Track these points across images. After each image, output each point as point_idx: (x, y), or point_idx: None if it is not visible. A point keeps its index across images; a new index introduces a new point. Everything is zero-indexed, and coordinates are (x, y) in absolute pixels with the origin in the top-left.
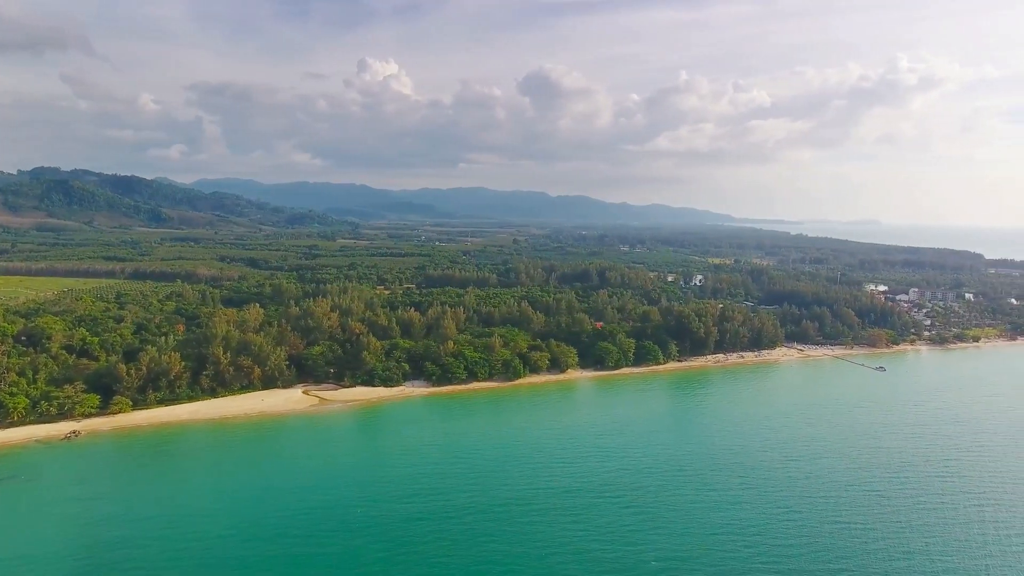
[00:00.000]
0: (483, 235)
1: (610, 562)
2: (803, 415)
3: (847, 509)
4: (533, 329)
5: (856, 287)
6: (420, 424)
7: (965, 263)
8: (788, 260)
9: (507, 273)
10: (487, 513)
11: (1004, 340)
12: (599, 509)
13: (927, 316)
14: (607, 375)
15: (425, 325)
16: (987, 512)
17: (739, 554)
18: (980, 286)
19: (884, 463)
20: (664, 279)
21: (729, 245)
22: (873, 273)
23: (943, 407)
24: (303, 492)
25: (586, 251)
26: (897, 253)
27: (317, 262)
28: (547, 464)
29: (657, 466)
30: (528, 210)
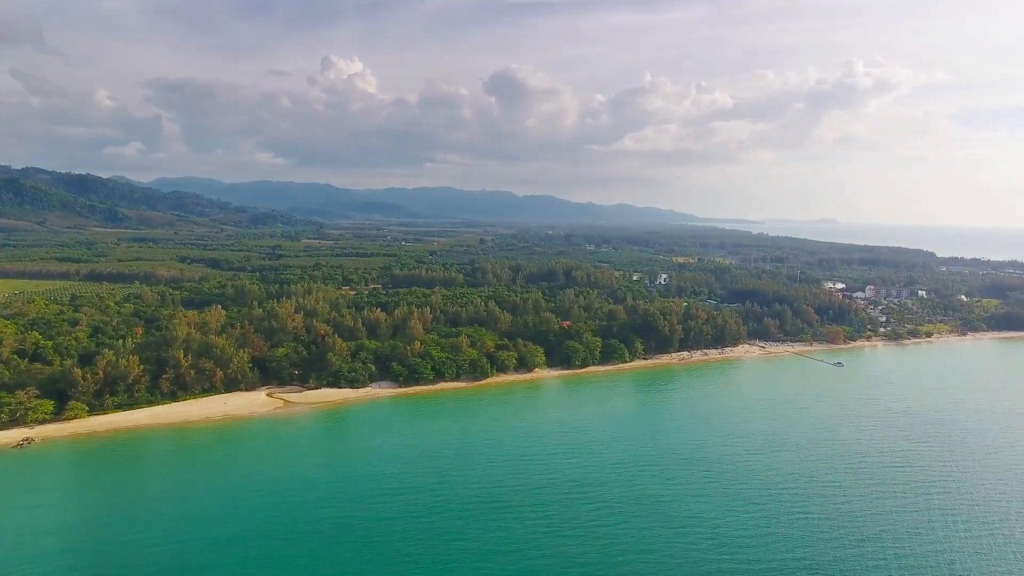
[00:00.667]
0: (449, 235)
1: (577, 558)
2: (764, 410)
3: (805, 500)
4: (500, 329)
5: (815, 285)
6: (387, 425)
7: (918, 261)
8: (750, 259)
9: (474, 273)
10: (455, 512)
11: (955, 335)
12: (566, 506)
13: (883, 313)
14: (574, 374)
15: (391, 325)
16: (935, 500)
17: (702, 545)
18: (932, 283)
19: (841, 455)
20: (630, 278)
21: (693, 244)
22: (831, 271)
23: (897, 400)
24: (268, 496)
25: (552, 251)
26: (854, 252)
27: (281, 263)
28: (515, 463)
29: (623, 462)
30: (495, 210)
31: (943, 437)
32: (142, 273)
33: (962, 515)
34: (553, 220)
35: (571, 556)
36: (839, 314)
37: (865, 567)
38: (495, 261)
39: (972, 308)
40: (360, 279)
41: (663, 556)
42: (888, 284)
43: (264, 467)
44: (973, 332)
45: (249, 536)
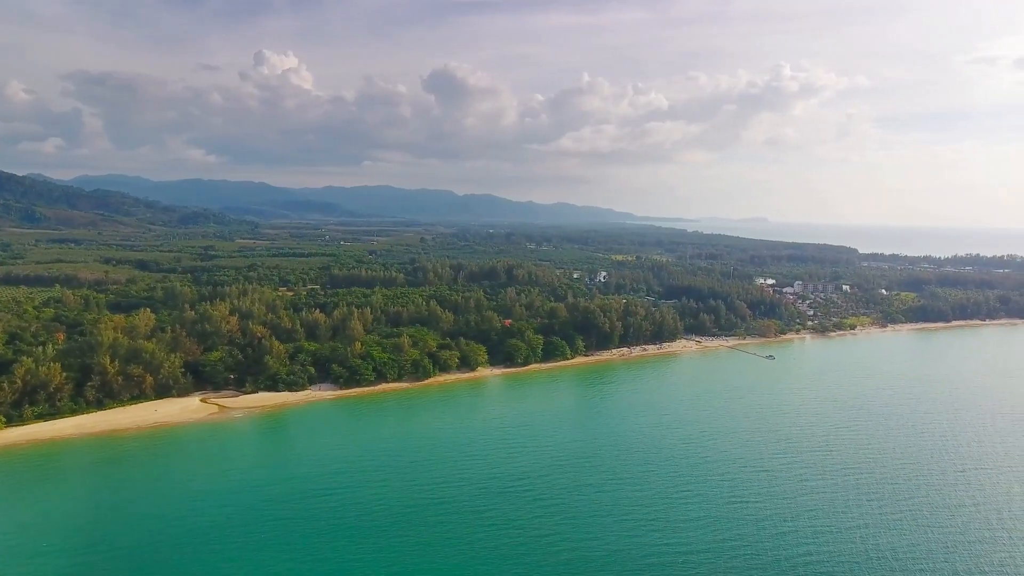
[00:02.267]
0: (390, 234)
1: (521, 555)
2: (701, 402)
3: (739, 486)
4: (442, 328)
5: (747, 281)
6: (327, 428)
7: (842, 257)
8: (686, 256)
9: (415, 272)
10: (396, 514)
11: (876, 327)
12: (509, 503)
13: (810, 307)
14: (517, 371)
15: (331, 327)
16: (856, 480)
17: (641, 533)
18: (855, 278)
19: (772, 442)
20: (570, 276)
21: (631, 242)
22: (762, 267)
23: (824, 390)
24: (203, 504)
25: (494, 249)
26: (783, 249)
27: (214, 263)
28: (457, 462)
29: (566, 457)
30: (435, 209)
31: (865, 423)
32: (63, 276)
33: (884, 496)
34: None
35: (517, 555)
36: (770, 309)
37: (790, 545)
38: (436, 260)
39: (891, 301)
40: (298, 280)
41: (604, 545)
42: (815, 279)
43: (198, 475)
44: (893, 324)
45: (181, 548)
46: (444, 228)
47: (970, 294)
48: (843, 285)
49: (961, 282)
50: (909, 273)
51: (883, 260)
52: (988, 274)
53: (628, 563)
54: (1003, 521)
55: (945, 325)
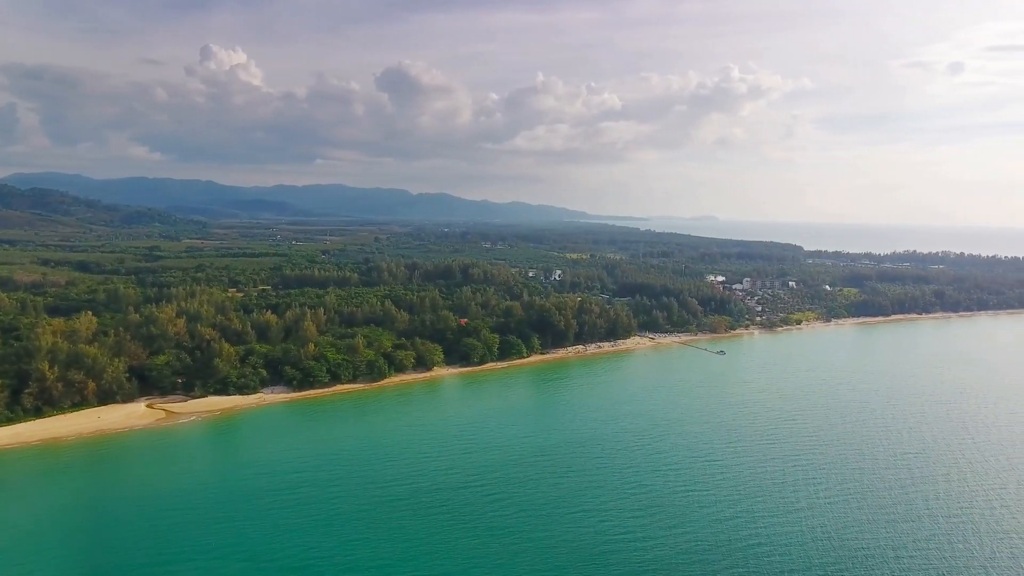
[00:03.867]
0: (343, 233)
1: (479, 554)
2: (655, 398)
3: (690, 479)
4: (397, 328)
5: (699, 278)
6: (280, 431)
7: (788, 255)
8: (639, 254)
9: (369, 272)
10: (353, 517)
11: (821, 322)
12: (466, 503)
13: (759, 303)
14: (473, 371)
15: (283, 328)
16: (801, 471)
17: (597, 527)
18: (801, 275)
19: (721, 435)
20: (525, 274)
21: (585, 241)
22: (712, 265)
23: (771, 383)
24: (150, 514)
25: (449, 248)
26: (732, 247)
27: (160, 264)
28: (414, 462)
29: (522, 455)
30: (389, 208)
31: (810, 415)
32: None
33: (823, 482)
34: (449, 218)
35: (474, 554)
36: (721, 305)
37: (738, 528)
38: (391, 260)
39: (835, 297)
40: (248, 280)
41: (561, 540)
42: (763, 276)
43: (144, 484)
44: (836, 319)
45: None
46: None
47: (908, 289)
48: (789, 281)
49: (899, 278)
50: (851, 270)
51: (827, 257)
52: (924, 270)
53: (581, 552)
54: (935, 500)
55: (885, 319)
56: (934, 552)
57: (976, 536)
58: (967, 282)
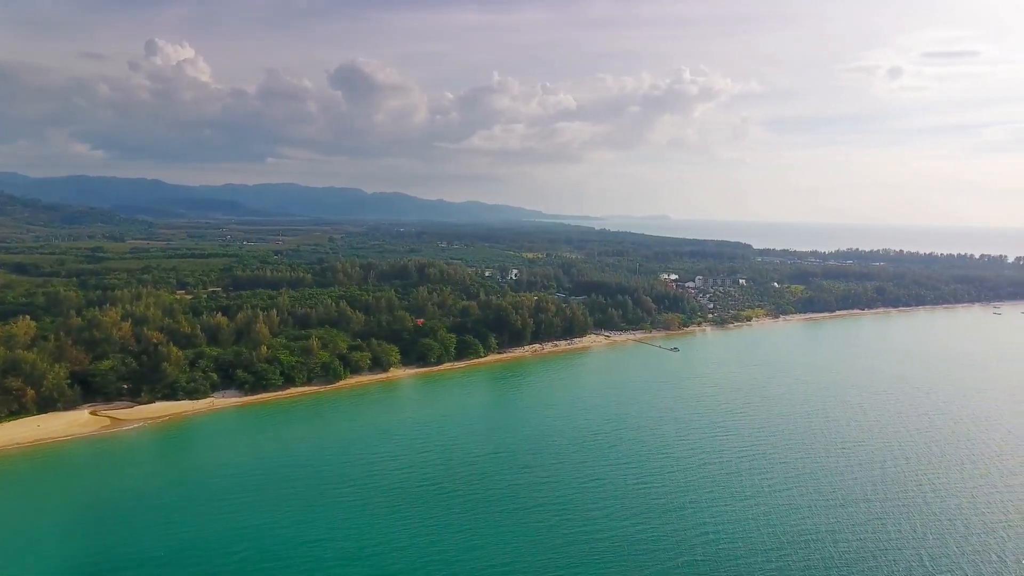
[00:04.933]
0: (296, 233)
1: (435, 554)
2: (610, 395)
3: (644, 472)
4: (353, 329)
5: (652, 276)
6: (232, 436)
7: (738, 253)
8: (594, 253)
9: (323, 272)
10: (307, 522)
11: (770, 319)
12: (422, 502)
13: (710, 300)
14: (430, 371)
15: (235, 330)
16: (750, 464)
17: (553, 523)
18: (751, 272)
19: (675, 430)
20: (482, 274)
21: (541, 240)
22: (666, 263)
23: (723, 379)
24: (93, 526)
25: (405, 248)
26: (685, 245)
27: (103, 266)
28: (369, 463)
29: (479, 454)
30: (343, 207)
31: (759, 408)
32: None
33: (769, 471)
34: (404, 217)
35: (428, 554)
36: (674, 303)
37: (689, 524)
38: (345, 260)
39: (783, 294)
40: (197, 282)
41: (517, 535)
42: (714, 274)
43: (87, 495)
44: (784, 315)
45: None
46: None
47: (851, 286)
48: (740, 279)
49: (843, 275)
50: (798, 267)
51: (775, 255)
52: (867, 267)
53: (537, 546)
54: (871, 486)
55: (830, 315)
56: (869, 534)
57: (908, 519)
58: (906, 279)
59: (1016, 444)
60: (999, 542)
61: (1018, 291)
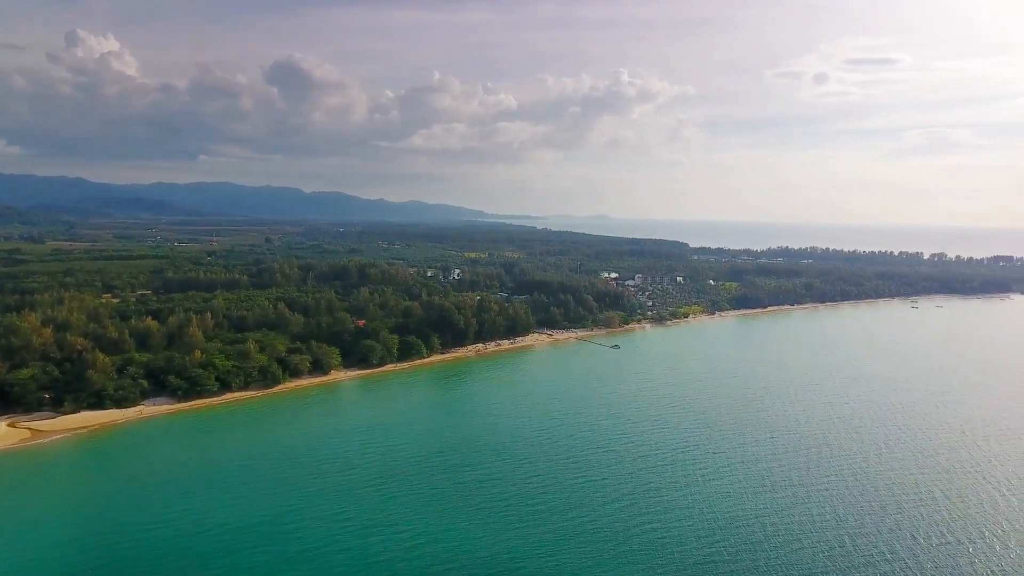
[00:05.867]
0: (231, 234)
1: (377, 556)
2: (552, 393)
3: (585, 467)
4: (292, 331)
5: (593, 275)
6: (163, 445)
7: (676, 251)
8: (536, 252)
9: (260, 274)
10: (245, 530)
11: (706, 315)
12: (365, 504)
13: (649, 298)
14: (372, 373)
15: (166, 335)
16: (690, 453)
17: (497, 521)
18: (687, 270)
19: (616, 425)
20: (424, 274)
21: (484, 240)
22: (606, 262)
23: (661, 374)
24: (11, 546)
25: (345, 248)
26: (624, 244)
27: (21, 269)
28: (310, 467)
29: (421, 455)
30: (281, 207)
31: (696, 402)
32: None
33: (702, 461)
34: (344, 217)
35: (368, 547)
36: (614, 301)
37: (627, 514)
38: (283, 261)
39: (718, 291)
40: (125, 285)
41: (462, 538)
42: (653, 272)
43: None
44: (720, 311)
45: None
46: (291, 227)
47: (782, 282)
48: (677, 277)
49: (774, 272)
50: (732, 265)
51: (710, 253)
52: (796, 264)
53: (479, 543)
54: (795, 472)
55: (762, 311)
56: (795, 518)
57: (830, 504)
58: (832, 275)
59: (931, 429)
60: (911, 521)
61: (932, 286)
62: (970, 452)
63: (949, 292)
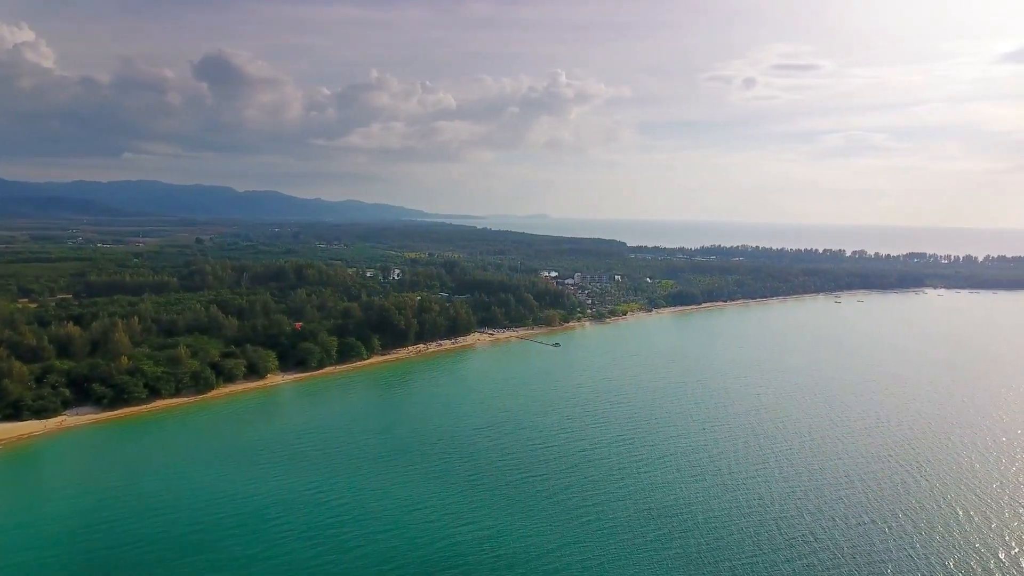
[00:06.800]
0: (159, 234)
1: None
2: (493, 391)
3: (526, 464)
4: (226, 335)
5: (533, 274)
6: (85, 458)
7: (614, 250)
8: (476, 252)
9: (191, 276)
10: (174, 540)
11: (644, 312)
12: (302, 512)
13: (589, 296)
14: (311, 376)
15: (89, 341)
16: (628, 447)
17: (436, 520)
18: (625, 269)
19: (557, 421)
20: (363, 275)
21: (423, 240)
22: (546, 261)
23: (600, 370)
24: None
25: (281, 249)
26: (563, 243)
27: None
28: (243, 477)
29: (362, 458)
30: (212, 206)
31: (633, 397)
32: None
33: (641, 454)
34: (279, 216)
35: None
36: (554, 299)
37: (568, 507)
38: (216, 262)
39: (655, 289)
40: (44, 289)
41: (399, 540)
42: (591, 271)
43: None
44: (657, 309)
45: None
46: (224, 227)
47: (715, 280)
48: (615, 275)
49: (708, 269)
50: (668, 263)
51: (647, 252)
52: (728, 262)
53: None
54: (722, 459)
55: (697, 307)
56: (724, 505)
57: (756, 491)
58: (762, 272)
59: (850, 417)
60: (831, 504)
61: (854, 281)
62: (885, 438)
63: (869, 287)
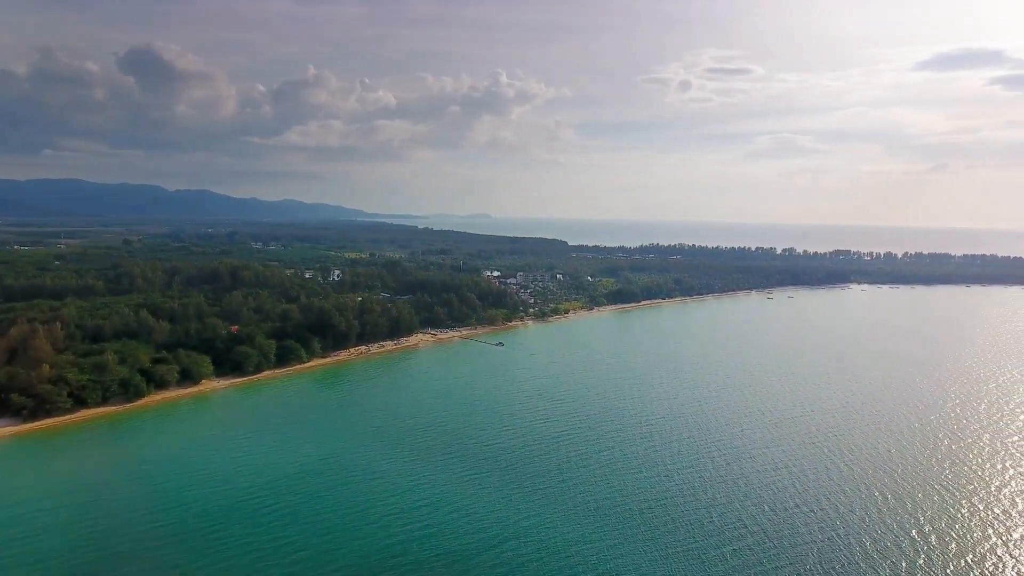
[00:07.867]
0: (83, 235)
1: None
2: (435, 392)
3: (470, 464)
4: (157, 340)
5: (476, 274)
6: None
7: (555, 249)
8: (418, 252)
9: (119, 279)
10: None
11: (585, 310)
12: (243, 523)
13: (531, 295)
14: (248, 380)
15: (7, 349)
16: (567, 443)
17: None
18: (567, 268)
19: (498, 419)
20: (302, 276)
21: (364, 240)
22: (488, 261)
23: (543, 369)
24: None
25: (215, 250)
26: (505, 243)
27: None
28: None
29: (303, 465)
30: (141, 206)
31: (577, 393)
32: None
33: (582, 449)
34: (212, 216)
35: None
36: (497, 299)
37: (511, 501)
38: (145, 264)
39: (595, 287)
40: None
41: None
42: (534, 270)
43: None
44: (598, 307)
45: None
46: (154, 228)
47: (654, 278)
48: (557, 274)
49: (647, 268)
50: (608, 262)
51: (588, 251)
52: (666, 261)
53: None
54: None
55: (637, 305)
56: (662, 495)
57: (689, 481)
58: (698, 270)
59: (779, 408)
60: (758, 492)
61: (785, 278)
62: (809, 425)
63: (798, 284)
